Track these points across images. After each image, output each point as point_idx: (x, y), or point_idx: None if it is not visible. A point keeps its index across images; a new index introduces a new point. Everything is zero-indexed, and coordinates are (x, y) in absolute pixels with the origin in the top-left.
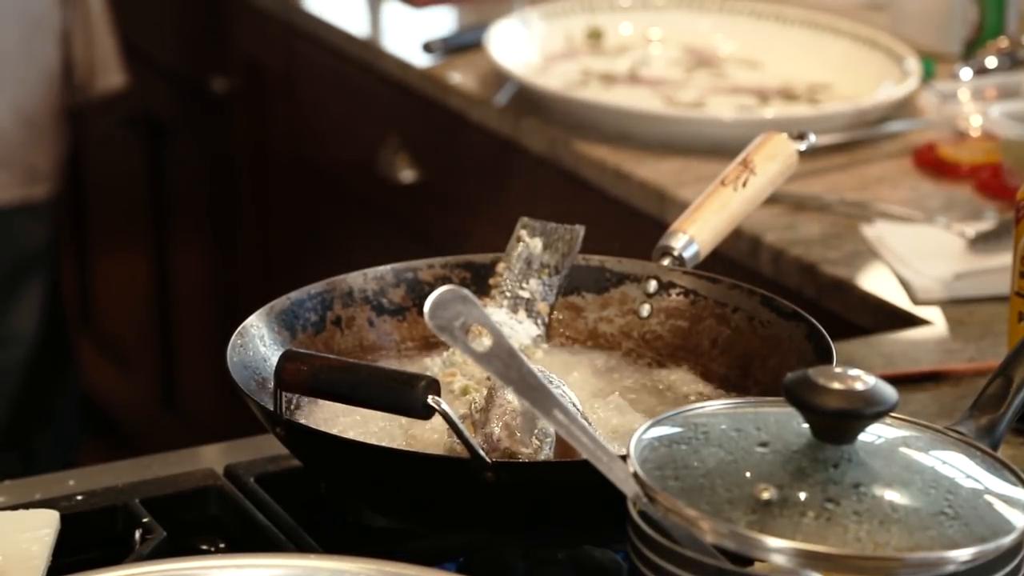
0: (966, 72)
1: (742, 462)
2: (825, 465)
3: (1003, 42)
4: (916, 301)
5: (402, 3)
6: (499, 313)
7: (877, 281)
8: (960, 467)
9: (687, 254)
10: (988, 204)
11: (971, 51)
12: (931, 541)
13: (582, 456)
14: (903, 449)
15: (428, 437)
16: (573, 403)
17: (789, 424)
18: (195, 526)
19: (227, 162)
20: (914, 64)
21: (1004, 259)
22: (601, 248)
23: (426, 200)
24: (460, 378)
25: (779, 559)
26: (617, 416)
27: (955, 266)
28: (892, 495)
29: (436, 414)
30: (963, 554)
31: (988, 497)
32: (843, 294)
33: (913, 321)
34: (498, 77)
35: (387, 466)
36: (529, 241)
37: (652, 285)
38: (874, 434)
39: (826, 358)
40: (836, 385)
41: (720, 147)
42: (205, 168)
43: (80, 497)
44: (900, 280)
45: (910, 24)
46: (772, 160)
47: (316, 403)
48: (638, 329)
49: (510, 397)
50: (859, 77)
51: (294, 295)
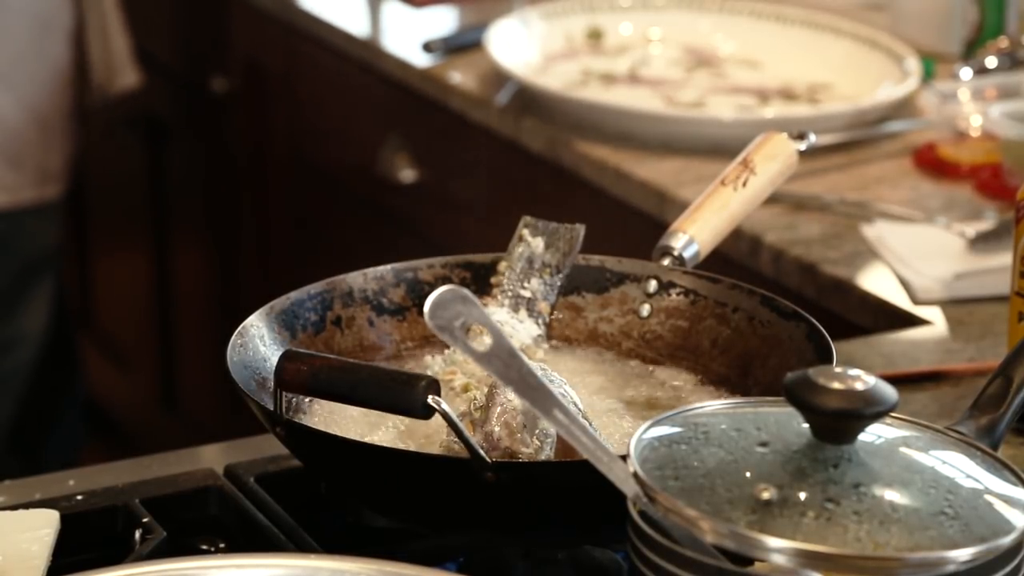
0: (966, 72)
1: (742, 462)
2: (825, 465)
3: (1003, 42)
4: (916, 301)
5: (402, 3)
6: (500, 312)
7: (877, 281)
8: (960, 467)
9: (687, 254)
10: (988, 204)
11: (971, 51)
12: (931, 541)
13: (582, 456)
14: (903, 449)
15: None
16: (574, 403)
17: (789, 424)
18: (195, 526)
19: (227, 162)
20: (914, 64)
21: (1004, 259)
22: (601, 248)
23: (426, 200)
24: (461, 376)
25: (779, 559)
26: (617, 417)
27: (955, 266)
28: (892, 495)
29: (436, 414)
30: (963, 554)
31: (988, 497)
32: (843, 294)
33: (913, 321)
34: (498, 77)
35: (387, 466)
36: (531, 240)
37: (652, 285)
38: (874, 434)
39: (826, 358)
40: (836, 385)
41: (720, 147)
42: (205, 168)
43: (80, 497)
44: (900, 280)
45: (910, 24)
46: (772, 160)
47: (317, 403)
48: (638, 329)
49: (511, 396)
50: (859, 77)
51: (294, 295)
